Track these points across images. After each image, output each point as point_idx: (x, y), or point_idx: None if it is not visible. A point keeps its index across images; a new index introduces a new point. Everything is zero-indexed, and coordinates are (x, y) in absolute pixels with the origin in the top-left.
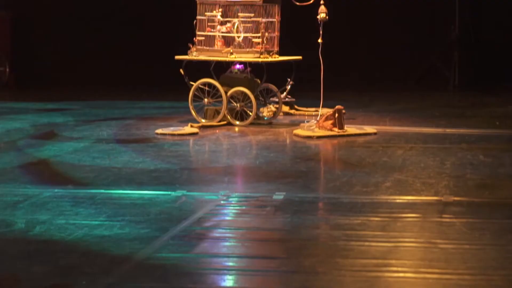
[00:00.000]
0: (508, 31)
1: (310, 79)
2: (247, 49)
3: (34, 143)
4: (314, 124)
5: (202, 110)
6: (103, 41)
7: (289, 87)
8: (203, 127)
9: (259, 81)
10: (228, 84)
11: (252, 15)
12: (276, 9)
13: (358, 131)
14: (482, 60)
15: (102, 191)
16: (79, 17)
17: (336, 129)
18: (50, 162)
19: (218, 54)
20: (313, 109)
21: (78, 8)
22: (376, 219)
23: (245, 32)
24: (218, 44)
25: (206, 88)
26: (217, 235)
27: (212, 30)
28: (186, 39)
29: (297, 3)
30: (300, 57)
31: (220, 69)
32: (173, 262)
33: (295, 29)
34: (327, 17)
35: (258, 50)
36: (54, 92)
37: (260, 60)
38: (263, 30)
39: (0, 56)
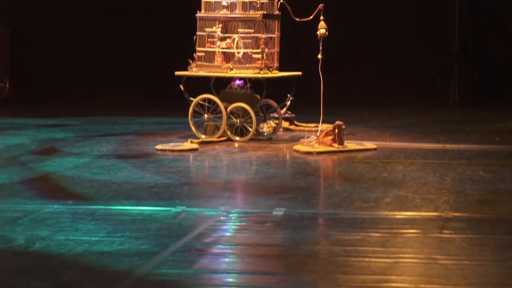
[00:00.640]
0: (508, 46)
1: (310, 94)
2: (247, 65)
3: (34, 159)
4: (314, 139)
5: (202, 126)
6: (103, 57)
7: (289, 102)
8: (203, 143)
9: (259, 97)
10: (228, 100)
11: (252, 30)
12: (276, 24)
13: (358, 147)
14: (481, 76)
15: (102, 207)
16: (79, 33)
17: (336, 145)
18: (50, 178)
19: (218, 69)
20: (313, 124)
21: (78, 24)
22: (376, 235)
23: (245, 47)
24: (218, 59)
25: (206, 104)
26: (217, 251)
27: (212, 46)
28: (186, 55)
29: (297, 19)
30: (300, 73)
31: (220, 84)
32: (173, 278)
33: (295, 45)
34: (326, 33)
35: (258, 65)
36: (54, 107)
37: (260, 75)
38: (263, 46)
39: (0, 72)
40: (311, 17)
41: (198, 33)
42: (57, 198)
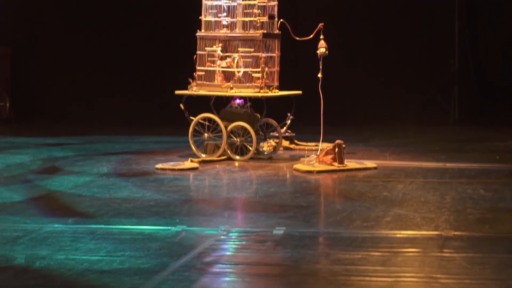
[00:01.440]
0: (508, 65)
1: (310, 113)
2: (247, 84)
3: (34, 178)
4: (314, 158)
5: (202, 145)
6: (103, 76)
7: (289, 121)
8: (203, 162)
9: (259, 116)
10: (228, 119)
11: (252, 50)
12: (276, 44)
13: (358, 166)
14: (481, 94)
15: (102, 226)
16: (79, 53)
17: (336, 164)
18: (51, 197)
19: (218, 89)
20: (313, 143)
21: (77, 44)
22: (377, 254)
23: (245, 67)
24: (218, 79)
25: (206, 123)
26: (218, 270)
27: (212, 65)
28: (186, 74)
29: (297, 38)
30: (300, 92)
31: (220, 104)
32: None
33: (295, 64)
34: (327, 52)
35: (258, 85)
36: (54, 126)
37: (260, 95)
38: (263, 65)
39: (0, 91)
40: (311, 36)
41: (198, 52)
42: (57, 217)
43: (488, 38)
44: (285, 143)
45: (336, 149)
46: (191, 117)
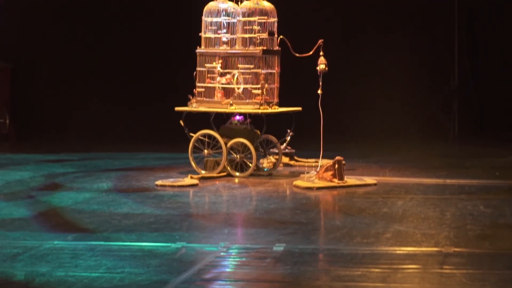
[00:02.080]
0: (507, 82)
1: (310, 130)
2: (247, 100)
3: (34, 194)
4: (314, 175)
5: (202, 162)
6: (103, 93)
7: (289, 138)
8: (203, 178)
9: (259, 132)
10: (228, 135)
11: (251, 66)
12: (276, 60)
13: (358, 182)
14: (481, 111)
15: (102, 243)
16: (79, 68)
17: (336, 180)
18: (50, 214)
19: (218, 105)
20: (313, 160)
21: (77, 59)
22: (377, 270)
23: (245, 83)
24: (218, 95)
25: (206, 140)
26: (217, 286)
27: (212, 81)
28: (186, 91)
29: (297, 55)
30: (299, 108)
31: (220, 120)
32: None
33: (294, 80)
34: (326, 68)
35: (258, 101)
36: (54, 143)
37: (260, 111)
38: (262, 81)
39: (0, 108)
40: (311, 52)
41: (198, 68)
42: (57, 234)
43: (488, 54)
44: (285, 159)
45: (336, 166)
46: (191, 134)
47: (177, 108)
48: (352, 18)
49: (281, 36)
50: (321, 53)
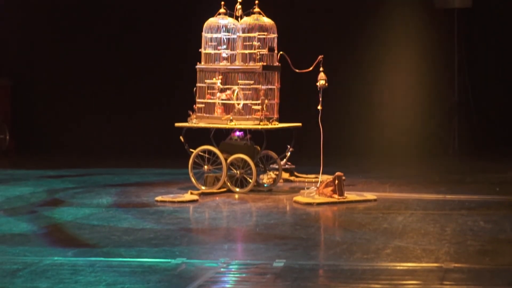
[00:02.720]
0: (507, 97)
1: (310, 145)
2: (247, 116)
3: (34, 210)
4: (314, 191)
5: (202, 177)
6: (103, 109)
7: (289, 154)
8: (203, 194)
9: (259, 148)
10: (228, 151)
11: (251, 82)
12: (276, 76)
13: (358, 198)
14: (481, 126)
15: (102, 258)
16: (79, 85)
17: (336, 196)
18: (50, 230)
19: (218, 121)
20: (313, 175)
21: (77, 76)
22: (377, 286)
23: (245, 99)
24: (218, 111)
25: (206, 155)
26: None
27: (212, 97)
28: (186, 106)
29: (297, 70)
30: (299, 124)
31: (220, 136)
32: None
33: (294, 96)
34: (326, 84)
35: (258, 117)
36: (54, 159)
37: (260, 127)
38: (262, 97)
39: (1, 124)
40: (311, 68)
41: (198, 84)
42: (57, 249)
43: (488, 70)
44: (285, 175)
45: (336, 181)
46: (191, 150)
47: (177, 124)
48: (352, 34)
49: (281, 52)
50: (321, 68)
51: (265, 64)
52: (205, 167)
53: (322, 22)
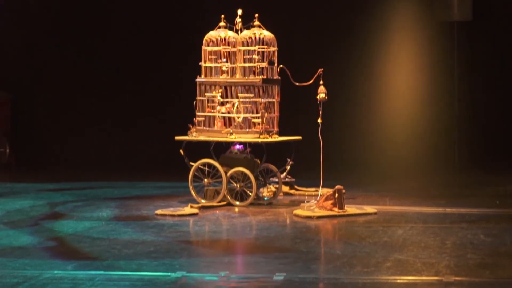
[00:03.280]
0: (508, 110)
1: (310, 159)
2: (247, 130)
3: (33, 223)
4: (314, 204)
5: (202, 191)
6: (103, 122)
7: (289, 167)
8: (203, 207)
9: (259, 161)
10: (228, 165)
11: (251, 95)
12: (276, 89)
13: (358, 211)
14: (481, 139)
15: (102, 272)
16: (78, 99)
17: (336, 209)
18: (50, 243)
19: (218, 134)
20: (313, 189)
21: (77, 90)
22: None
23: (245, 112)
24: (218, 124)
25: (206, 169)
26: None
27: (212, 110)
28: (186, 120)
29: (297, 84)
30: (299, 137)
31: (220, 149)
32: None
33: (294, 109)
34: (326, 97)
35: (258, 130)
36: (54, 172)
37: (260, 140)
38: (262, 111)
39: (1, 137)
40: (311, 81)
41: (198, 98)
42: (57, 263)
43: (488, 83)
44: (285, 188)
45: (336, 195)
46: (191, 163)
47: (177, 137)
48: (352, 48)
49: (281, 65)
50: (321, 82)
51: (265, 77)
52: (205, 180)
53: (322, 36)
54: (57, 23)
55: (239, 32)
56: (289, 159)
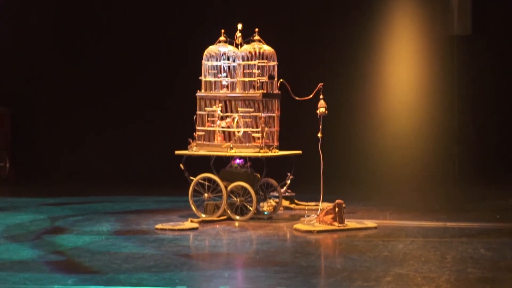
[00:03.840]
0: (507, 124)
1: (310, 173)
2: (247, 144)
3: (33, 238)
4: (314, 218)
5: (202, 205)
6: (103, 137)
7: (289, 181)
8: (203, 222)
9: (259, 176)
10: (228, 179)
11: (252, 110)
12: (276, 103)
13: (358, 225)
14: (482, 152)
15: (102, 287)
16: (79, 114)
17: (336, 224)
18: (50, 258)
19: (218, 149)
20: (313, 203)
21: (76, 105)
22: None
23: (245, 126)
24: (218, 139)
25: (206, 183)
26: None
27: (212, 125)
28: (186, 134)
29: (297, 98)
30: (300, 152)
31: (220, 164)
32: None
33: (295, 124)
34: (326, 112)
35: (258, 144)
36: (54, 187)
37: (260, 154)
38: (263, 125)
39: (1, 152)
40: (311, 96)
41: (198, 112)
42: (57, 277)
43: (488, 96)
44: (285, 203)
45: (336, 209)
46: (191, 177)
47: (177, 152)
48: (353, 62)
49: (281, 80)
50: (321, 96)
51: (265, 91)
52: (205, 194)
53: (322, 50)
54: (56, 38)
55: (239, 47)
56: (289, 174)
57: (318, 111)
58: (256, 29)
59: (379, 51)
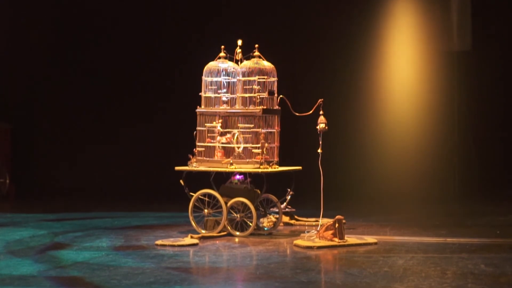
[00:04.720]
0: (508, 138)
1: (310, 189)
2: (247, 160)
3: (33, 254)
4: (315, 234)
5: (202, 221)
6: (102, 152)
7: (289, 197)
8: (203, 238)
9: (259, 192)
10: (228, 195)
11: (251, 125)
12: (276, 119)
13: (358, 241)
14: (482, 168)
15: None
16: (78, 129)
17: (336, 239)
18: (49, 274)
19: (218, 164)
20: (313, 219)
21: (76, 121)
22: None
23: (245, 142)
24: (218, 154)
25: (206, 199)
26: None
27: (212, 141)
28: (186, 150)
29: (297, 114)
30: (300, 167)
31: (220, 179)
32: None
33: (295, 140)
34: (326, 127)
35: (258, 160)
36: (54, 202)
37: (260, 170)
38: (262, 141)
39: (1, 168)
40: (311, 112)
41: (198, 128)
42: None
43: (488, 112)
44: (285, 218)
45: (337, 225)
46: (191, 193)
47: (177, 168)
48: (352, 78)
49: (281, 96)
50: (321, 112)
51: (265, 107)
52: (205, 210)
53: (322, 66)
54: (55, 54)
55: (239, 63)
56: (289, 189)
57: (318, 127)
58: (256, 45)
59: (380, 67)
